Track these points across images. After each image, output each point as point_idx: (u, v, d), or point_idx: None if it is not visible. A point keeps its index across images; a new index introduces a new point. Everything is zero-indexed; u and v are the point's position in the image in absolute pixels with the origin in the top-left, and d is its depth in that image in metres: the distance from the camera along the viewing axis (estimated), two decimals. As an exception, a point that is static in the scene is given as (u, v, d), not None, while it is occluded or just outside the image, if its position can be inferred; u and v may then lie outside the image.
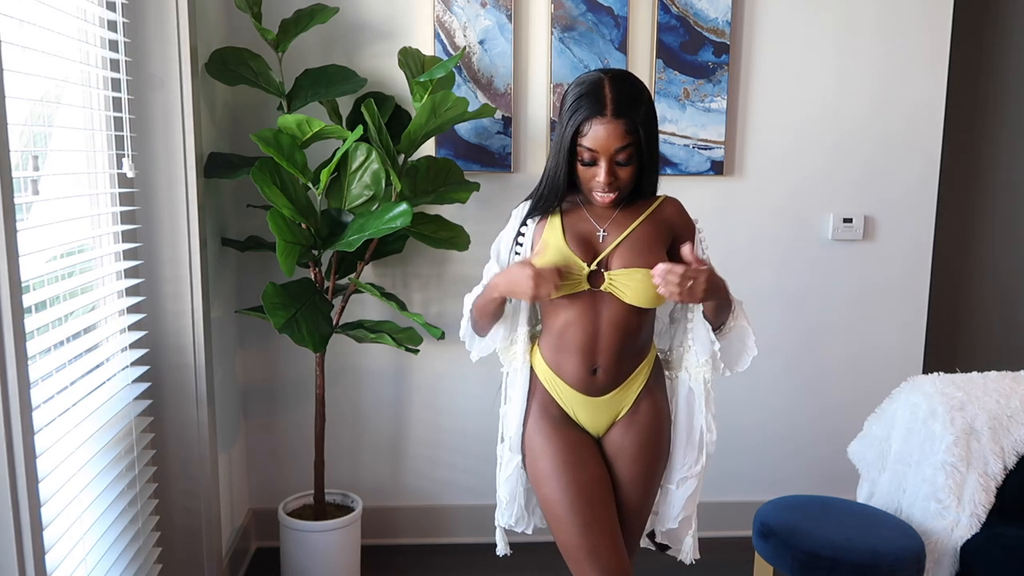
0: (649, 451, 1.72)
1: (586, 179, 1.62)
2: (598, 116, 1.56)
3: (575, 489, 1.64)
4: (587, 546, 1.61)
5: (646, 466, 1.72)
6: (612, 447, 1.73)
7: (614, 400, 1.71)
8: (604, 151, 1.57)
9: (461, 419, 2.82)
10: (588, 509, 1.63)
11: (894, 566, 1.97)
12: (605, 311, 1.66)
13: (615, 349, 1.67)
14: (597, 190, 1.61)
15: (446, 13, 2.58)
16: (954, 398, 2.20)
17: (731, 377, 2.89)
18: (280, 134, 2.21)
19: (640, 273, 1.61)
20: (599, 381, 1.69)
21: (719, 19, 2.65)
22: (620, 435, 1.72)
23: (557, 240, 1.65)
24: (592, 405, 1.71)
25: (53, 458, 1.61)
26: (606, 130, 1.56)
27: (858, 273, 2.86)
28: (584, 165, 1.61)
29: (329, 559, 2.46)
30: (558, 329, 1.69)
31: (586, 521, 1.62)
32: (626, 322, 1.66)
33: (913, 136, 2.80)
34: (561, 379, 1.71)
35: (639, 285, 1.61)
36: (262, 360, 2.76)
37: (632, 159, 1.60)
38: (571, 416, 1.73)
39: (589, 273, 1.63)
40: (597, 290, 1.64)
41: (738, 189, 2.77)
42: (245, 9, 2.33)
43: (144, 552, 2.07)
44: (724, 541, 2.88)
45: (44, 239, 1.67)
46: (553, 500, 1.66)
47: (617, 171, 1.60)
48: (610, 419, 1.73)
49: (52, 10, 1.72)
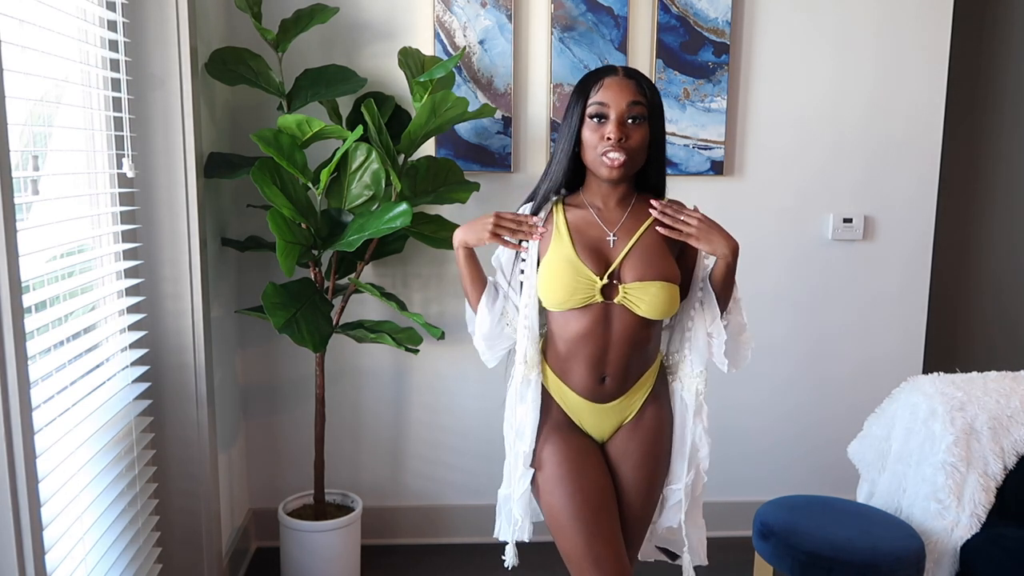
0: (653, 457, 1.71)
1: (594, 144, 1.58)
2: (610, 76, 1.59)
3: (580, 497, 1.63)
4: (591, 555, 1.59)
5: (650, 471, 1.72)
6: (616, 452, 1.72)
7: (620, 407, 1.70)
8: (615, 104, 1.56)
9: (461, 419, 2.82)
10: (592, 517, 1.62)
11: (894, 566, 1.97)
12: (616, 322, 1.63)
13: (625, 359, 1.65)
14: (606, 151, 1.57)
15: (446, 13, 2.58)
16: (954, 398, 2.20)
17: (730, 377, 2.89)
18: (280, 134, 2.21)
19: (655, 287, 1.59)
20: (607, 389, 1.68)
21: (719, 19, 2.65)
22: (625, 440, 1.71)
23: (567, 251, 1.62)
24: (598, 411, 1.70)
25: (53, 458, 1.61)
26: (618, 85, 1.57)
27: (858, 273, 2.86)
28: (594, 123, 1.58)
29: (329, 559, 2.46)
30: (567, 338, 1.66)
31: (591, 530, 1.61)
32: (637, 333, 1.64)
33: (913, 136, 2.80)
34: (568, 387, 1.69)
35: (654, 299, 1.59)
36: (262, 360, 2.76)
37: (643, 122, 1.58)
38: (576, 423, 1.72)
39: (602, 287, 1.60)
40: (610, 302, 1.62)
41: (738, 189, 2.77)
42: (245, 9, 2.33)
43: (144, 552, 2.07)
44: (724, 541, 2.88)
45: (44, 239, 1.67)
46: (558, 508, 1.64)
47: (628, 131, 1.57)
48: (615, 425, 1.72)
49: (52, 10, 1.72)
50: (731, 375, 1.85)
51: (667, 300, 1.60)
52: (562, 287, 1.60)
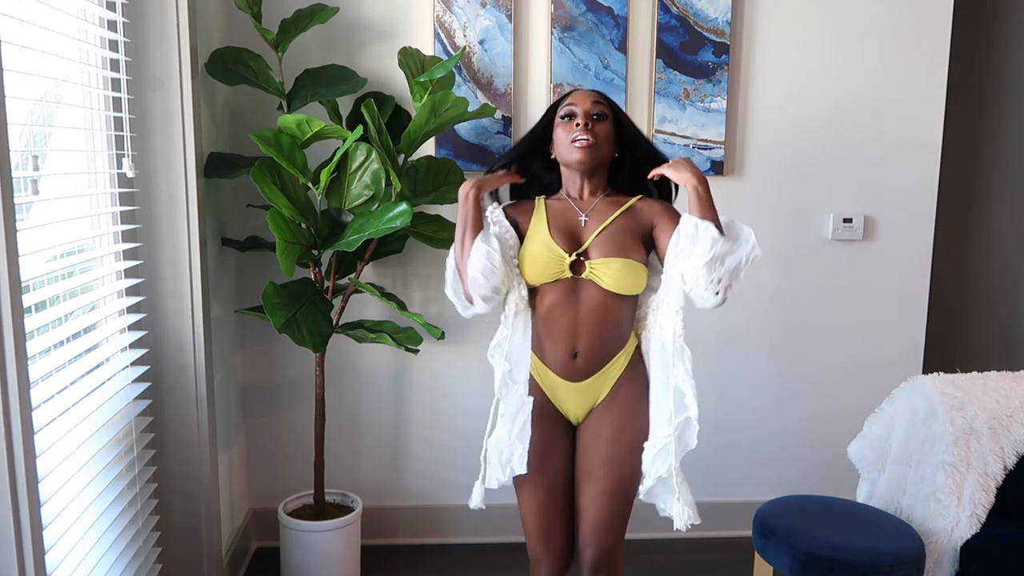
0: (627, 431, 1.82)
1: (564, 137, 1.83)
2: (575, 92, 1.89)
3: (540, 479, 1.84)
4: (542, 524, 1.85)
5: (627, 444, 1.82)
6: (591, 431, 1.85)
7: (594, 385, 1.84)
8: (581, 104, 1.83)
9: (461, 419, 2.82)
10: (546, 496, 1.84)
11: (894, 566, 1.97)
12: (585, 297, 1.81)
13: (594, 333, 1.81)
14: (575, 136, 1.80)
15: (446, 13, 2.58)
16: (954, 398, 2.20)
17: (730, 377, 2.89)
18: (280, 134, 2.21)
19: (619, 262, 1.78)
20: (579, 366, 1.83)
21: (719, 19, 2.65)
22: (598, 419, 1.85)
23: (543, 233, 1.84)
24: (573, 390, 1.85)
25: (53, 458, 1.61)
26: (583, 93, 1.86)
27: (858, 273, 2.86)
28: (565, 121, 1.84)
29: (329, 559, 2.46)
30: (543, 315, 1.84)
31: (543, 507, 1.85)
32: (604, 308, 1.81)
33: (913, 136, 2.80)
34: (545, 365, 1.86)
35: (617, 273, 1.78)
36: (262, 360, 2.76)
37: (606, 119, 1.84)
38: (554, 403, 1.87)
39: (571, 263, 1.80)
40: (579, 278, 1.81)
41: (738, 189, 2.77)
42: (245, 9, 2.33)
43: (144, 552, 2.07)
44: (724, 541, 2.88)
45: (44, 239, 1.67)
46: (519, 481, 1.86)
47: (593, 123, 1.81)
48: (589, 405, 1.86)
49: (52, 10, 1.72)
50: (729, 376, 1.84)
51: (630, 275, 1.78)
52: (536, 262, 1.81)
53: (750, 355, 2.86)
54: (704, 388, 2.79)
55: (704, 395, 2.77)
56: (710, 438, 2.88)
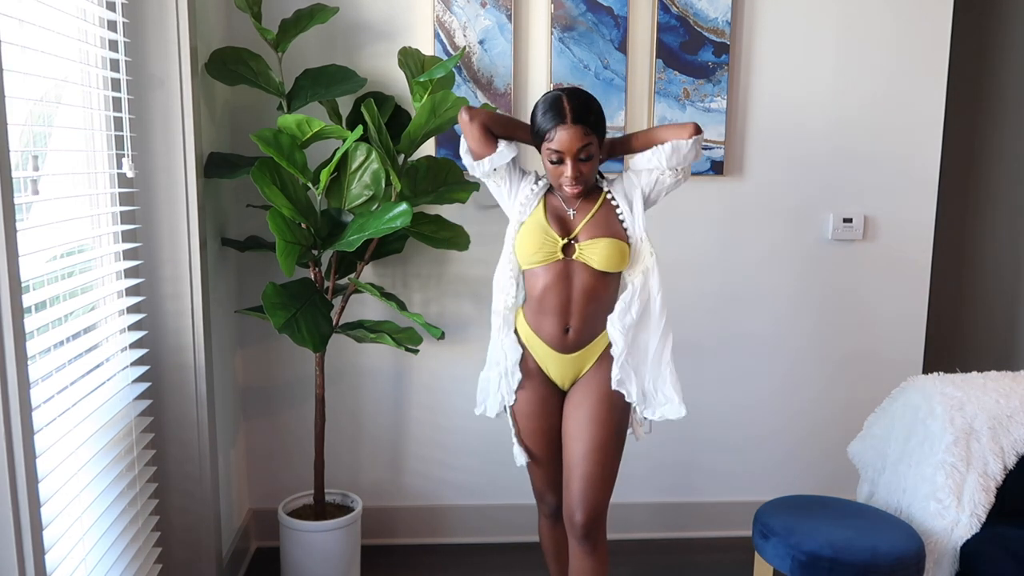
0: (613, 395, 2.00)
1: (555, 176, 1.96)
2: (561, 125, 1.92)
3: (540, 432, 2.09)
4: (544, 458, 2.11)
5: (611, 405, 2.00)
6: (577, 395, 2.05)
7: (580, 358, 2.03)
8: (568, 150, 1.92)
9: (461, 419, 2.82)
10: (545, 443, 2.09)
11: (894, 566, 1.97)
12: (576, 277, 1.99)
13: (584, 311, 2.00)
14: (566, 184, 1.95)
15: (446, 13, 2.58)
16: (953, 398, 2.20)
17: (730, 377, 2.89)
18: (280, 134, 2.21)
19: (604, 242, 1.97)
20: (569, 340, 2.02)
21: (719, 19, 2.65)
22: (585, 385, 2.04)
23: (540, 218, 2.02)
24: (561, 361, 2.04)
25: (53, 458, 1.61)
26: (569, 133, 1.91)
27: (858, 273, 2.86)
28: (553, 164, 1.95)
29: (329, 559, 2.46)
30: (537, 295, 2.02)
31: (542, 449, 2.10)
32: (593, 287, 2.00)
33: (913, 136, 2.80)
34: (539, 338, 2.04)
35: (604, 251, 1.97)
36: (262, 360, 2.76)
37: (591, 156, 1.95)
38: (543, 371, 2.06)
39: (563, 246, 1.98)
40: (570, 260, 1.99)
41: (738, 189, 2.77)
42: (245, 9, 2.33)
43: (144, 552, 2.07)
44: (724, 541, 2.88)
45: (44, 239, 1.67)
46: (527, 432, 2.09)
47: (580, 167, 1.94)
48: (575, 375, 2.06)
49: (52, 10, 1.72)
50: (729, 376, 1.84)
51: (616, 253, 1.97)
52: (531, 243, 1.99)
53: (750, 355, 2.86)
54: (704, 388, 2.83)
55: (704, 395, 2.80)
56: (710, 438, 2.90)
